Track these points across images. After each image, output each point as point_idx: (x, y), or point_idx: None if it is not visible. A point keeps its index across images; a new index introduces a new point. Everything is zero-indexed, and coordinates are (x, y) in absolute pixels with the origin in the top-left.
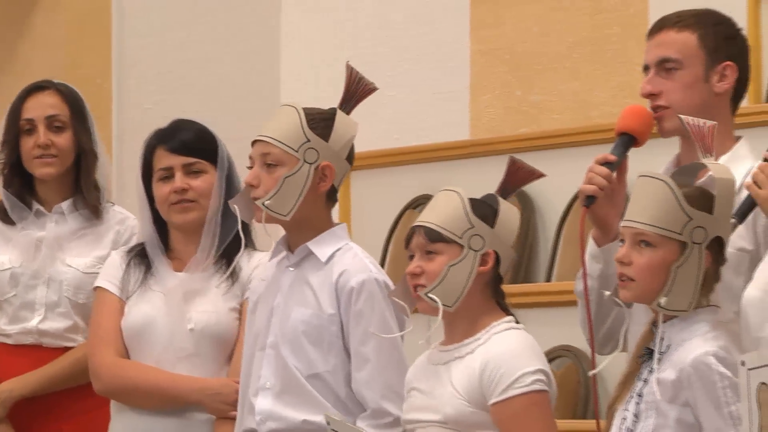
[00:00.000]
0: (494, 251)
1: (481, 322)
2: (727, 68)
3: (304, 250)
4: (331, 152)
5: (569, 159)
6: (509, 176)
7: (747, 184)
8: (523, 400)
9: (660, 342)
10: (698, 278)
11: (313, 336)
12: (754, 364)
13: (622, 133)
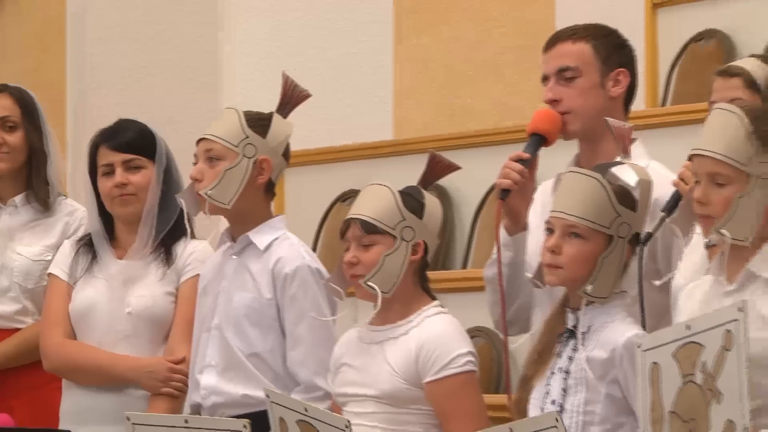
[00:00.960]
0: (423, 241)
1: (413, 306)
2: (620, 74)
3: (245, 239)
4: (268, 148)
5: (483, 157)
6: (430, 169)
7: (675, 181)
8: (456, 380)
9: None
10: (620, 269)
11: (254, 318)
12: (648, 345)
13: (534, 134)
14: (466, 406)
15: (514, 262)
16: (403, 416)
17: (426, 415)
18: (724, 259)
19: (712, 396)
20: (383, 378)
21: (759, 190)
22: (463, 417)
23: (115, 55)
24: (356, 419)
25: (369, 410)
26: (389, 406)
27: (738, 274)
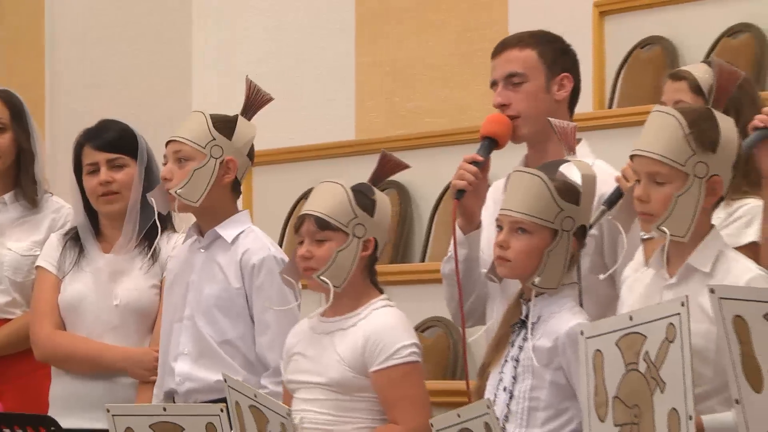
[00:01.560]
0: (374, 238)
1: (362, 299)
2: (565, 79)
3: (212, 233)
4: (234, 149)
5: (440, 157)
6: (380, 167)
7: (617, 177)
8: (400, 369)
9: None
10: (566, 261)
11: (224, 307)
12: (591, 333)
13: (486, 137)
14: (410, 395)
15: (469, 258)
16: (351, 403)
17: (372, 403)
18: (664, 253)
19: (655, 385)
20: (332, 367)
21: (696, 188)
22: (406, 404)
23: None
24: (306, 405)
25: (318, 397)
26: (337, 393)
27: (678, 268)
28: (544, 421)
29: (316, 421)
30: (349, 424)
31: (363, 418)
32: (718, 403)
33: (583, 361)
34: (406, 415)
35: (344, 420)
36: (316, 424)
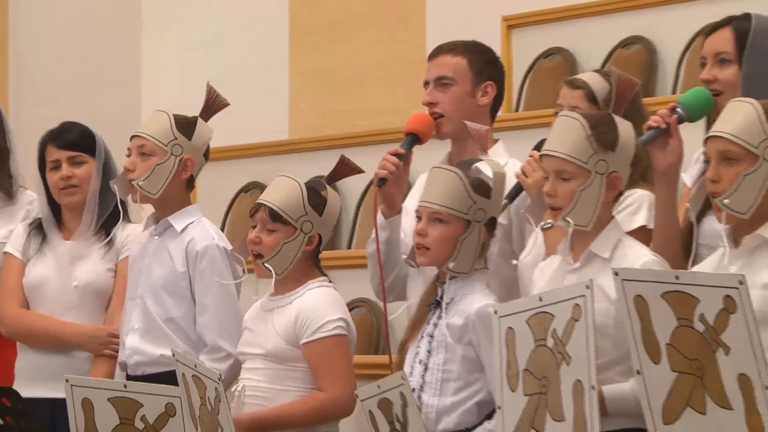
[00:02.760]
0: (318, 234)
1: (304, 280)
2: (489, 86)
3: (165, 223)
4: (193, 149)
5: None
6: (337, 169)
7: (516, 173)
8: (327, 342)
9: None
10: (477, 248)
11: (169, 289)
12: (504, 312)
13: (409, 133)
14: (335, 365)
15: (390, 240)
16: (285, 372)
17: (304, 372)
18: (568, 242)
19: (562, 359)
20: (269, 339)
21: (597, 183)
22: (331, 374)
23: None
24: (249, 374)
25: (258, 366)
26: (273, 363)
27: (581, 255)
28: (456, 391)
29: (255, 388)
30: (284, 391)
31: (296, 386)
32: (617, 373)
33: (496, 337)
34: (331, 384)
35: (279, 387)
36: (256, 391)
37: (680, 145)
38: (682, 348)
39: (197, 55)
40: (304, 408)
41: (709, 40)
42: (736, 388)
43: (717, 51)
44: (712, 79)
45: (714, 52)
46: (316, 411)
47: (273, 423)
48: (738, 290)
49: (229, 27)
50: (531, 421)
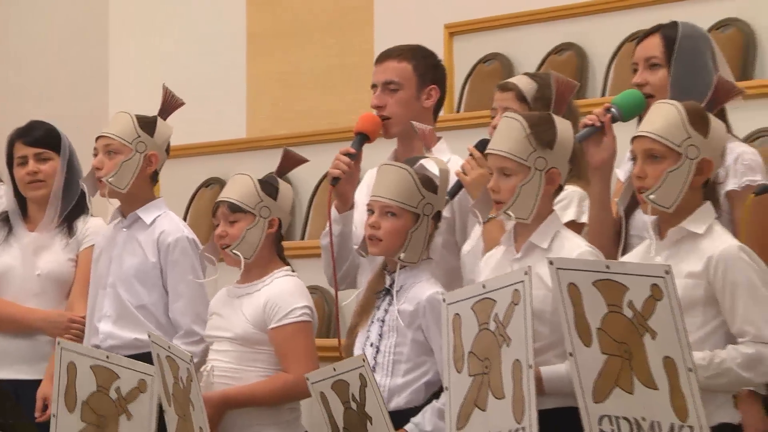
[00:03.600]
0: (278, 218)
1: (268, 268)
2: (432, 90)
3: (134, 216)
4: (156, 145)
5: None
6: (283, 162)
7: (457, 171)
8: (293, 327)
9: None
10: (426, 240)
11: (141, 278)
12: (451, 300)
13: (359, 133)
14: (300, 349)
15: (343, 233)
16: (251, 354)
17: (269, 355)
18: (511, 233)
19: (503, 340)
20: (238, 324)
21: (537, 179)
22: (296, 357)
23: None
24: (217, 356)
25: (226, 348)
26: (241, 346)
27: (523, 245)
28: (406, 372)
29: (224, 368)
30: (250, 372)
31: (262, 368)
32: (554, 356)
33: (444, 323)
34: (296, 366)
35: (246, 368)
36: (224, 371)
37: (614, 142)
38: (612, 332)
39: (161, 59)
40: (271, 387)
41: (640, 47)
42: (661, 370)
43: (647, 56)
44: (643, 82)
45: (645, 57)
46: (282, 391)
47: (241, 401)
48: (664, 279)
49: (190, 33)
50: (475, 399)
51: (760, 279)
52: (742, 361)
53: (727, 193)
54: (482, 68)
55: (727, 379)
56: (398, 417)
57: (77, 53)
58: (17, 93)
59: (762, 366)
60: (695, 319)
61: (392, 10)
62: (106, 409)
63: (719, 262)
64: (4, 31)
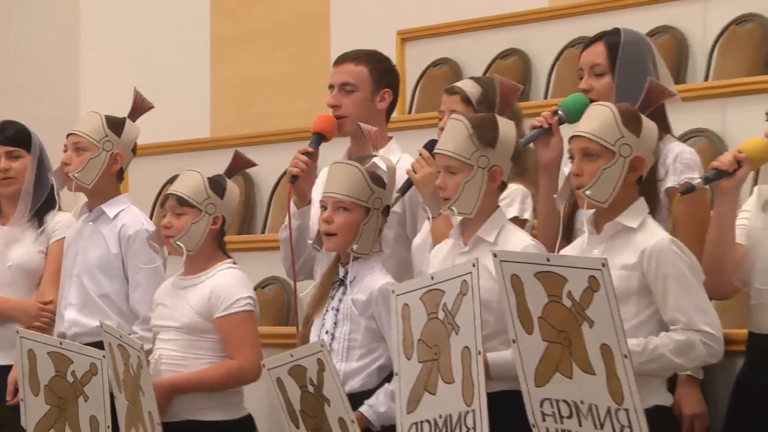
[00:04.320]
0: (222, 215)
1: (211, 261)
2: (386, 93)
3: (98, 210)
4: (122, 145)
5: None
6: (233, 163)
7: (407, 170)
8: (237, 317)
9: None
10: (376, 233)
11: (104, 268)
12: (401, 291)
13: (316, 133)
14: (244, 336)
15: (301, 227)
16: (197, 343)
17: (214, 343)
18: (458, 228)
19: (451, 329)
20: (184, 314)
21: (480, 176)
22: (241, 344)
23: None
24: (163, 345)
25: (173, 337)
26: (187, 335)
27: (470, 239)
28: (360, 357)
29: (170, 357)
30: (196, 359)
31: (207, 355)
32: (499, 343)
33: (393, 312)
34: (240, 353)
35: (192, 356)
36: (171, 359)
37: (560, 142)
38: (552, 321)
39: (130, 63)
40: (217, 374)
41: (585, 53)
42: (598, 356)
43: (592, 63)
44: (589, 88)
45: (589, 64)
46: (228, 377)
47: (189, 386)
48: (601, 271)
49: (157, 39)
50: (425, 384)
51: (690, 270)
52: (674, 347)
53: (666, 190)
54: (432, 72)
55: (660, 364)
56: (353, 399)
57: (50, 57)
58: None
59: (692, 352)
60: (630, 308)
61: (348, 17)
62: (65, 392)
63: (652, 255)
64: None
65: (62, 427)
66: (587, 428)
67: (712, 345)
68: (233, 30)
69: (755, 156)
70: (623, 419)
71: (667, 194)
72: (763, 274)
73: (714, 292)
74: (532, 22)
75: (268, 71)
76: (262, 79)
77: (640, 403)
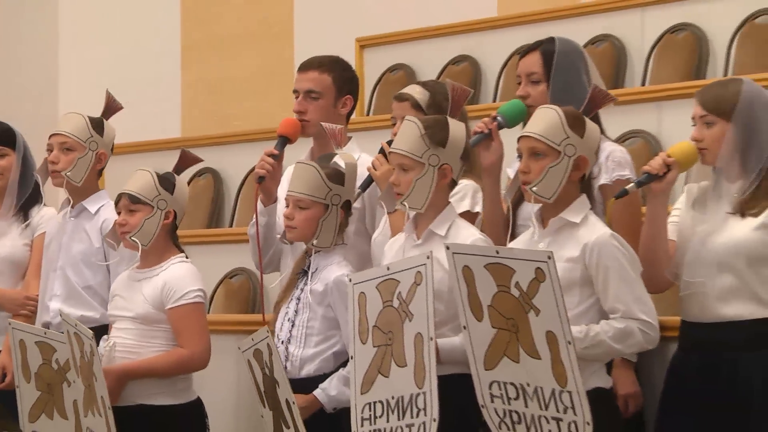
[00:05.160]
0: (173, 210)
1: (165, 255)
2: (348, 100)
3: (80, 206)
4: (104, 144)
5: (245, 151)
6: (181, 161)
7: (368, 168)
8: (187, 308)
9: (310, 266)
10: (336, 227)
11: (87, 261)
12: (357, 280)
13: (281, 136)
14: (194, 327)
15: (268, 224)
16: (150, 332)
17: (166, 332)
18: (412, 222)
19: (405, 316)
20: (138, 305)
21: (430, 174)
22: (190, 334)
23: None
24: (119, 333)
25: (128, 327)
26: (140, 324)
27: (423, 233)
28: (316, 343)
29: (124, 344)
30: (149, 347)
31: (159, 344)
32: (449, 330)
33: (350, 300)
34: (190, 342)
35: (145, 344)
36: (125, 347)
37: (500, 146)
38: (501, 309)
39: (106, 66)
40: (167, 361)
41: (522, 62)
42: (544, 342)
43: (528, 71)
44: (525, 95)
45: (526, 72)
46: (177, 364)
47: (140, 373)
48: (547, 263)
49: (132, 44)
50: (379, 367)
51: (629, 263)
52: (614, 334)
53: (600, 187)
54: (389, 77)
55: (600, 349)
56: (309, 383)
57: (30, 60)
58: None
59: (631, 338)
60: (573, 298)
61: (310, 25)
62: (51, 378)
63: (593, 248)
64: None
65: (51, 412)
66: (533, 409)
67: (648, 332)
68: (203, 36)
69: (683, 159)
70: (566, 401)
71: (600, 191)
72: (692, 267)
73: (650, 286)
74: (482, 31)
75: (235, 74)
76: (229, 82)
77: (582, 386)
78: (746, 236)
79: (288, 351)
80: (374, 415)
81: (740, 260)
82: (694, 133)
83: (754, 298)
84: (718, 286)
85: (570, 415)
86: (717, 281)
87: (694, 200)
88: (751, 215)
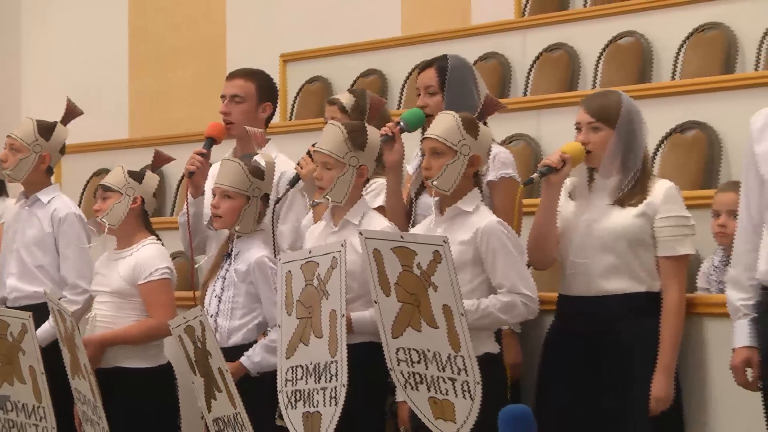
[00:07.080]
0: (141, 196)
1: (136, 237)
2: (267, 106)
3: (34, 198)
4: (50, 147)
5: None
6: (155, 160)
7: (295, 166)
8: (156, 284)
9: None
10: (256, 215)
11: (39, 244)
12: (285, 260)
13: (208, 137)
14: (161, 300)
15: (197, 213)
16: (125, 304)
17: (139, 304)
18: (330, 212)
19: (323, 294)
20: (114, 281)
21: (350, 173)
22: (159, 306)
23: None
24: (99, 306)
25: (106, 300)
26: (116, 298)
27: (339, 222)
28: (241, 316)
29: (104, 316)
30: (124, 318)
31: (133, 315)
32: (361, 305)
33: (279, 276)
34: (158, 313)
35: (121, 316)
36: (104, 318)
37: (402, 147)
38: (405, 286)
39: (64, 75)
40: (138, 330)
41: (420, 76)
42: (441, 314)
43: (426, 84)
44: (424, 105)
45: (424, 85)
46: (147, 332)
47: (116, 340)
48: (443, 247)
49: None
50: (300, 336)
51: (514, 245)
52: (500, 306)
53: (487, 183)
54: (309, 87)
55: (489, 320)
56: (237, 351)
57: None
58: None
59: (515, 310)
60: (466, 276)
61: (240, 41)
62: (8, 350)
63: (483, 233)
64: None
65: (11, 380)
66: (432, 371)
67: (530, 305)
68: (147, 50)
69: (575, 157)
70: (460, 364)
71: (488, 186)
72: (578, 250)
73: (538, 264)
74: (388, 48)
75: (175, 84)
76: (171, 90)
77: (473, 351)
78: (628, 222)
79: (216, 323)
80: (296, 378)
81: (622, 243)
82: (582, 137)
83: (633, 276)
84: (601, 265)
85: (463, 376)
86: (601, 261)
87: (570, 192)
88: (630, 205)
